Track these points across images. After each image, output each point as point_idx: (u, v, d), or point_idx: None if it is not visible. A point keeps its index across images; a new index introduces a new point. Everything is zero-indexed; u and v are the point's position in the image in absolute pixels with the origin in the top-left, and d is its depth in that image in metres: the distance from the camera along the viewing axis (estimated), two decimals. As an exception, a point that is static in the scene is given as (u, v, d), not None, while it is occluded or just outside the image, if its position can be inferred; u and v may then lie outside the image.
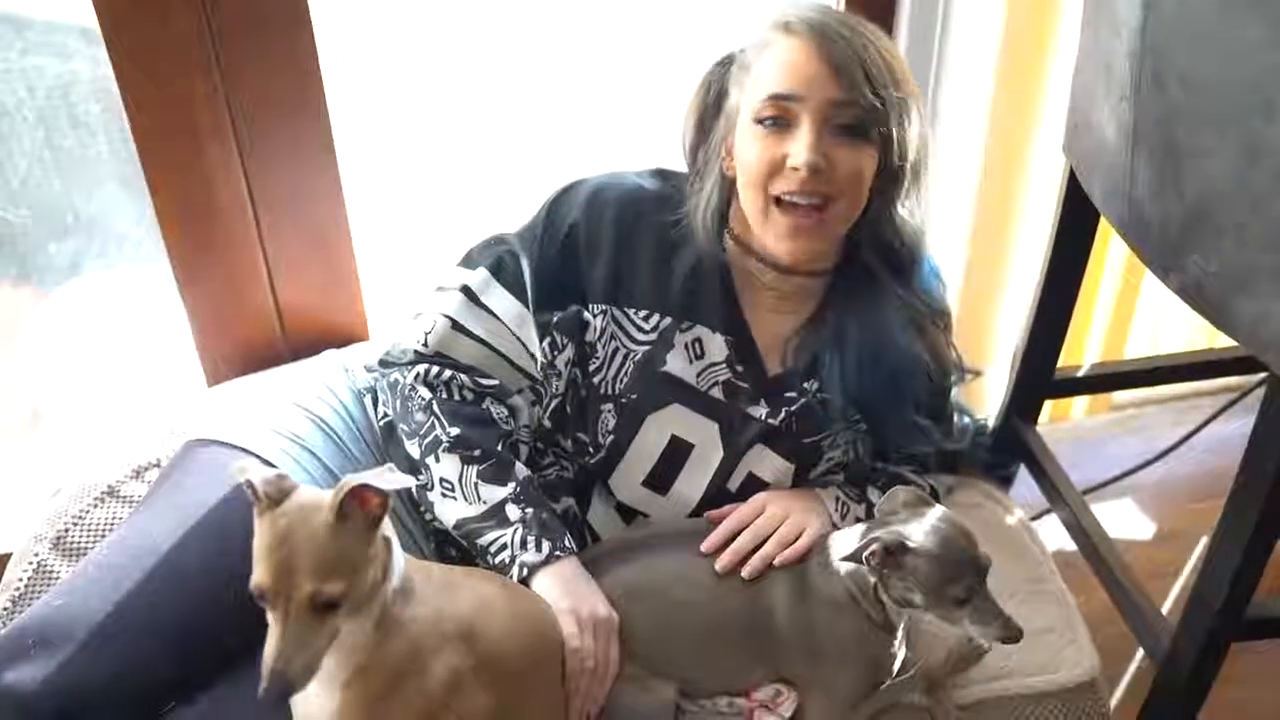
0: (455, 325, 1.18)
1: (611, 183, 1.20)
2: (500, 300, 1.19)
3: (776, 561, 1.12)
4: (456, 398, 1.17)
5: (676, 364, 1.18)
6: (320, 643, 0.86)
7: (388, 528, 0.92)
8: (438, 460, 1.15)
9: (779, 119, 1.10)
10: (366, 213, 1.58)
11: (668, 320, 1.19)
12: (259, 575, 0.85)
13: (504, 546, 1.11)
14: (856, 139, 1.10)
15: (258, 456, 1.14)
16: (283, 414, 1.22)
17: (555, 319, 1.18)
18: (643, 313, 1.18)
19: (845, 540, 1.10)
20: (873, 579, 1.06)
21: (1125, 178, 1.13)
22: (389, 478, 0.88)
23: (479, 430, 1.16)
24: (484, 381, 1.18)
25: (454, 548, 1.20)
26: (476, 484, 1.14)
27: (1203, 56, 0.98)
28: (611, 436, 1.18)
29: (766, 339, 1.22)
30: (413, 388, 1.18)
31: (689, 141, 1.22)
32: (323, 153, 1.45)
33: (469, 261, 1.22)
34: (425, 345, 1.18)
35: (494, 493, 1.13)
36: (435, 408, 1.16)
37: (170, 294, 1.50)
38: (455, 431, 1.15)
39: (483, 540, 1.12)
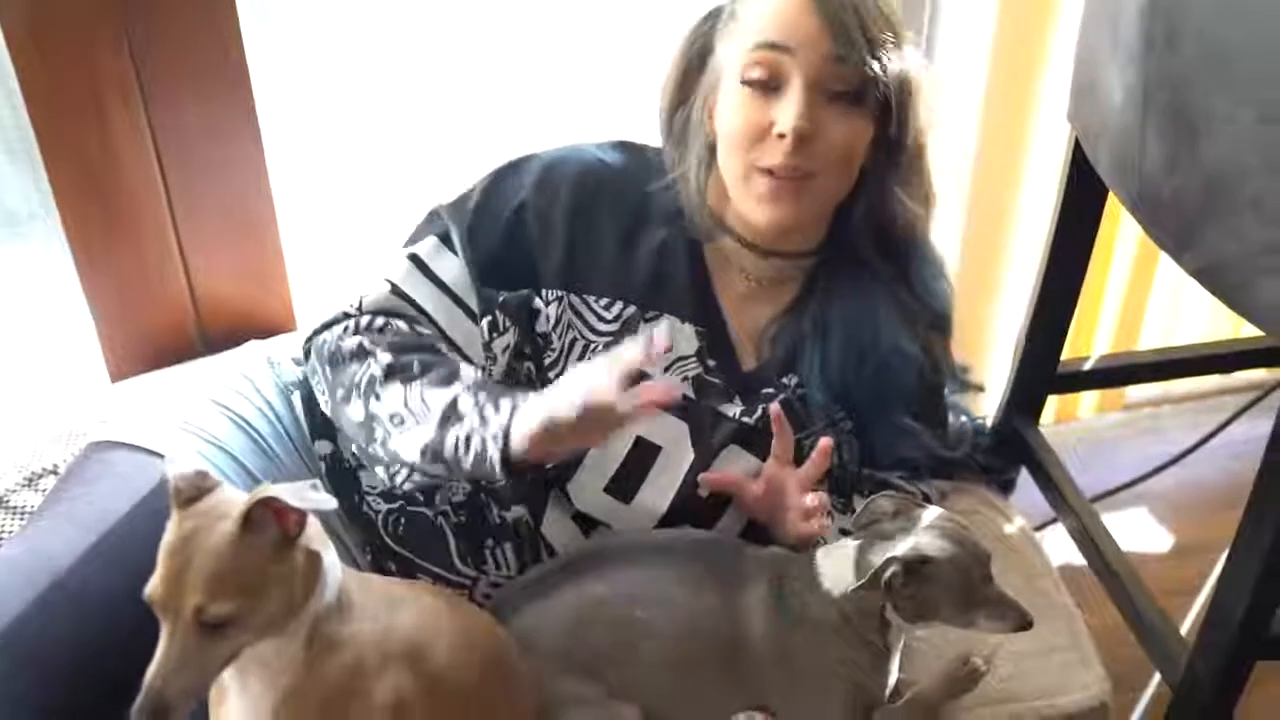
0: (396, 290, 1.18)
1: (567, 156, 1.20)
2: (450, 267, 1.18)
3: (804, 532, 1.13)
4: (391, 333, 1.15)
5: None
6: (208, 665, 0.85)
7: (318, 539, 0.91)
8: (379, 399, 1.11)
9: (767, 81, 1.11)
10: (294, 191, 1.57)
11: (632, 309, 1.19)
12: (150, 583, 0.85)
13: (468, 438, 1.05)
14: (851, 106, 1.11)
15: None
16: (199, 412, 1.21)
17: (502, 299, 1.18)
18: (603, 300, 1.19)
19: (834, 560, 1.10)
20: (883, 600, 1.06)
21: (1135, 148, 1.14)
22: (309, 495, 0.87)
23: (415, 350, 1.13)
24: (423, 330, 1.16)
25: (392, 560, 1.20)
26: (423, 397, 1.09)
27: (1220, 12, 1.00)
28: None
29: (741, 330, 1.23)
30: (340, 338, 1.15)
31: (667, 102, 1.23)
32: (244, 124, 1.45)
33: (414, 237, 1.22)
34: (358, 307, 1.17)
35: (442, 395, 1.08)
36: (366, 344, 1.13)
37: (68, 279, 1.49)
38: (388, 359, 1.11)
39: (448, 452, 1.06)
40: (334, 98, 1.63)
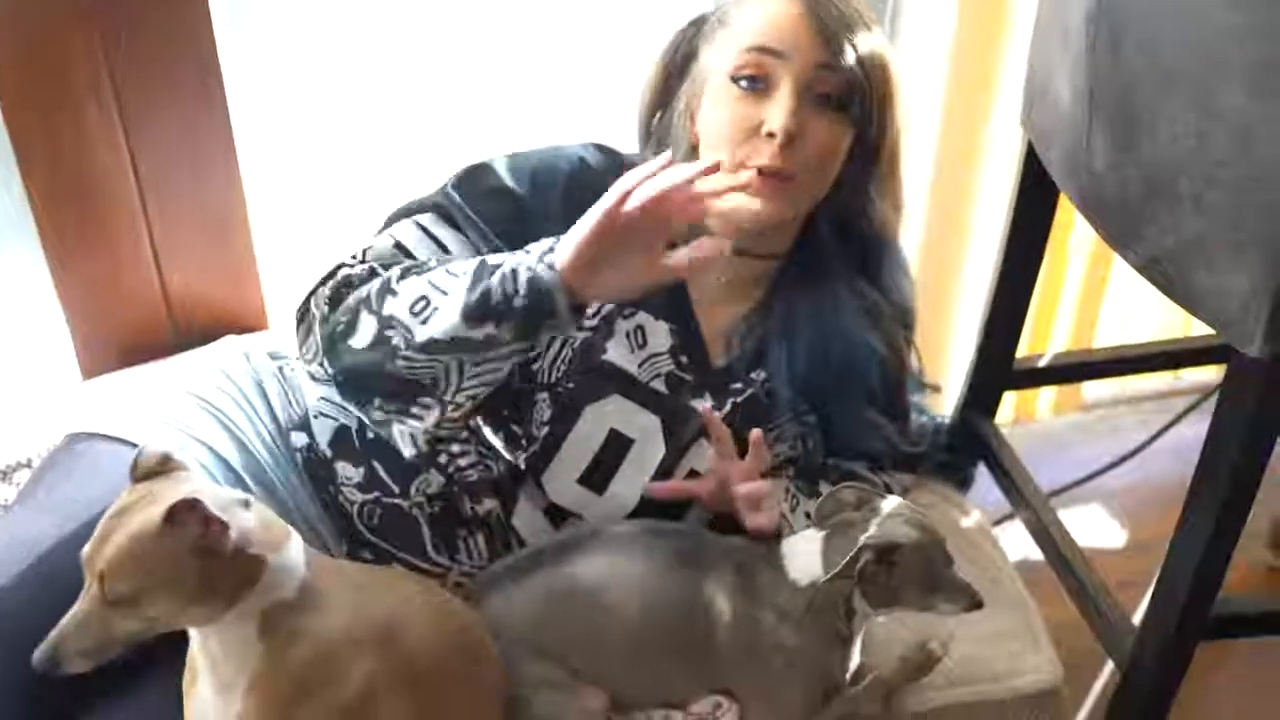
0: (399, 246, 1.17)
1: (555, 157, 1.22)
2: (450, 235, 1.18)
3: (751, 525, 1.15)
4: (407, 264, 1.13)
5: (617, 353, 1.21)
6: (108, 634, 0.90)
7: (263, 544, 0.93)
8: (395, 295, 1.07)
9: (757, 79, 1.15)
10: (267, 189, 1.58)
11: (609, 306, 1.22)
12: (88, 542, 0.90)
13: (514, 272, 1.02)
14: (835, 112, 1.16)
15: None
16: (176, 405, 1.22)
17: None
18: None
19: (799, 550, 1.13)
20: (851, 588, 1.09)
21: (1083, 148, 1.19)
22: (238, 513, 0.91)
23: (426, 262, 1.12)
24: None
25: (368, 550, 1.21)
26: (448, 271, 1.07)
27: (1159, 17, 1.04)
28: (546, 428, 1.19)
29: (712, 328, 1.26)
30: (348, 273, 1.13)
31: (646, 106, 1.26)
32: (217, 123, 1.46)
33: (403, 214, 1.22)
34: (361, 258, 1.16)
35: (468, 263, 1.06)
36: (376, 268, 1.13)
37: (40, 276, 1.49)
38: (404, 267, 1.10)
39: (495, 297, 1.02)
40: (307, 96, 1.63)
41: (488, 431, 1.23)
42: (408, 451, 1.21)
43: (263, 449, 1.23)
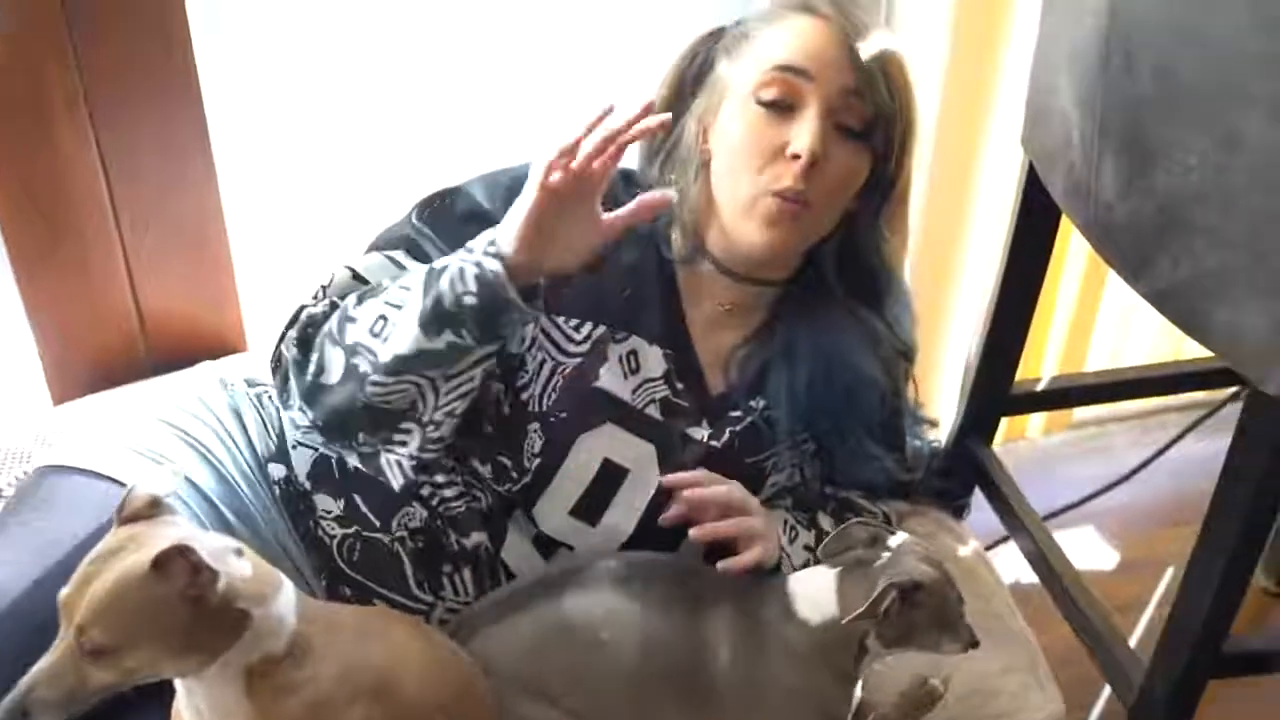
0: (357, 275, 1.16)
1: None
2: (416, 267, 1.15)
3: (720, 566, 1.13)
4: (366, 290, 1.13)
5: (610, 379, 1.19)
6: (80, 685, 0.85)
7: (249, 597, 0.90)
8: (354, 322, 1.07)
9: (782, 101, 1.12)
10: (246, 206, 1.56)
11: (601, 329, 1.19)
12: (65, 586, 0.86)
13: (461, 272, 1.02)
14: (857, 140, 1.14)
15: (125, 486, 1.10)
16: (153, 436, 1.19)
17: None
18: (574, 321, 1.18)
19: (811, 588, 1.10)
20: (870, 627, 1.07)
21: (1090, 174, 1.17)
22: (231, 561, 0.88)
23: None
24: None
25: (347, 585, 1.19)
26: (399, 284, 1.07)
27: (1177, 41, 1.02)
28: (538, 459, 1.17)
29: (709, 353, 1.24)
30: (309, 314, 1.12)
31: None
32: (195, 138, 1.44)
33: (374, 249, 1.20)
34: (320, 294, 1.15)
35: (417, 274, 1.06)
36: (335, 300, 1.12)
37: (8, 296, 1.46)
38: (356, 295, 1.10)
39: (448, 302, 1.02)
40: (287, 112, 1.62)
41: (475, 463, 1.20)
42: (397, 483, 1.18)
43: (240, 480, 1.21)
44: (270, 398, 1.27)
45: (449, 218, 1.17)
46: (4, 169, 1.37)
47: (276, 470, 1.22)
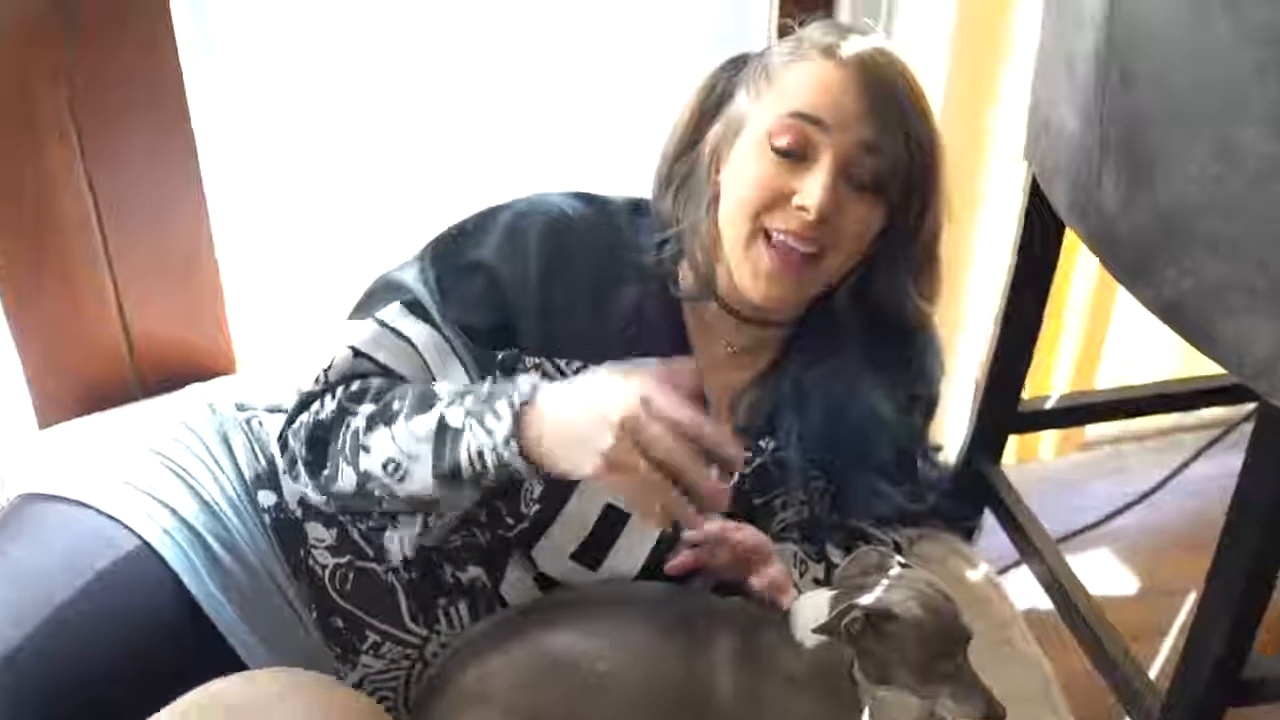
0: (359, 354, 1.17)
1: (530, 210, 1.20)
2: (416, 329, 1.18)
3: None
4: (369, 388, 1.14)
5: None
6: None
7: None
8: (367, 452, 1.09)
9: (794, 150, 1.12)
10: (235, 227, 1.57)
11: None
12: None
13: (480, 454, 1.02)
14: (872, 192, 1.13)
15: (112, 518, 1.12)
16: (138, 465, 1.20)
17: (501, 357, 1.16)
18: (575, 364, 1.18)
19: (808, 610, 1.10)
20: (848, 654, 1.07)
21: (1092, 186, 1.18)
22: None
23: (389, 389, 1.12)
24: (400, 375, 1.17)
25: (339, 617, 1.19)
26: (410, 430, 1.06)
27: (1173, 52, 1.04)
28: (537, 506, 1.16)
29: (717, 393, 1.24)
30: (316, 413, 1.14)
31: (674, 148, 1.23)
32: (184, 159, 1.45)
33: (366, 305, 1.21)
34: (324, 380, 1.16)
35: (428, 420, 1.06)
36: (344, 403, 1.13)
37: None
38: (370, 409, 1.10)
39: (465, 473, 1.03)
40: (277, 134, 1.63)
41: (472, 506, 1.18)
42: (397, 557, 1.19)
43: (228, 508, 1.20)
44: (260, 422, 1.27)
45: (448, 268, 1.18)
46: (-8, 192, 1.39)
47: (266, 498, 1.22)
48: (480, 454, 1.03)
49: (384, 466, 1.08)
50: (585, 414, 0.98)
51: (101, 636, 1.06)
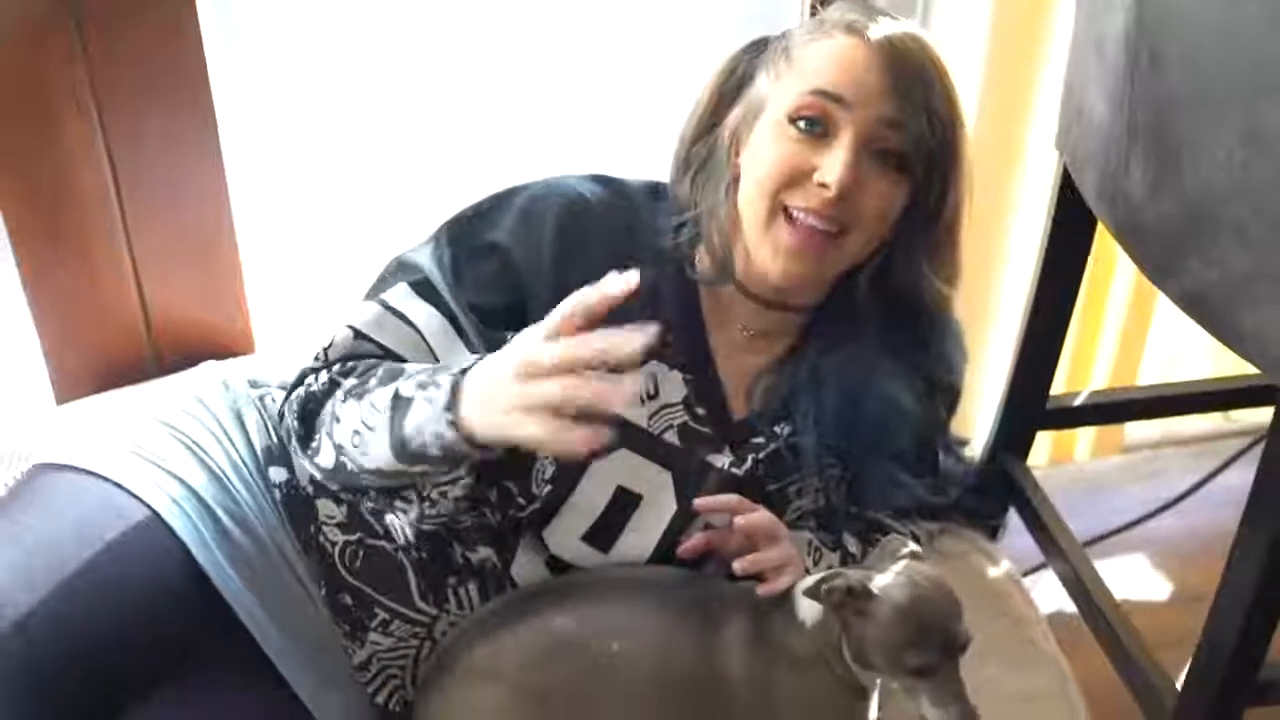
0: (360, 335, 1.17)
1: (547, 192, 1.20)
2: (421, 311, 1.18)
3: (761, 591, 1.12)
4: (356, 364, 1.15)
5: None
6: None
7: None
8: (340, 423, 1.09)
9: (816, 122, 1.12)
10: (254, 204, 1.58)
11: None
12: None
13: (421, 428, 1.01)
14: (895, 170, 1.13)
15: (122, 488, 1.13)
16: (150, 437, 1.21)
17: (512, 339, 1.14)
18: None
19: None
20: (836, 628, 1.07)
21: (1119, 174, 1.17)
22: None
23: (377, 366, 1.12)
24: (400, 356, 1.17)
25: (348, 594, 1.20)
26: (372, 401, 1.06)
27: (1203, 37, 1.03)
28: (549, 487, 1.16)
29: (733, 378, 1.24)
30: (309, 385, 1.15)
31: (692, 131, 1.23)
32: (204, 137, 1.46)
33: (379, 287, 1.22)
34: (323, 359, 1.17)
35: (387, 393, 1.05)
36: (335, 376, 1.13)
37: (14, 296, 1.49)
38: (351, 383, 1.11)
39: (413, 446, 1.02)
40: (299, 109, 1.64)
41: (482, 486, 1.18)
42: (400, 540, 1.20)
43: (238, 483, 1.21)
44: (274, 399, 1.28)
45: (461, 251, 1.18)
46: (10, 168, 1.40)
47: (278, 474, 1.23)
48: (420, 427, 1.01)
49: (350, 438, 1.08)
50: (490, 376, 0.97)
51: (111, 604, 1.07)
